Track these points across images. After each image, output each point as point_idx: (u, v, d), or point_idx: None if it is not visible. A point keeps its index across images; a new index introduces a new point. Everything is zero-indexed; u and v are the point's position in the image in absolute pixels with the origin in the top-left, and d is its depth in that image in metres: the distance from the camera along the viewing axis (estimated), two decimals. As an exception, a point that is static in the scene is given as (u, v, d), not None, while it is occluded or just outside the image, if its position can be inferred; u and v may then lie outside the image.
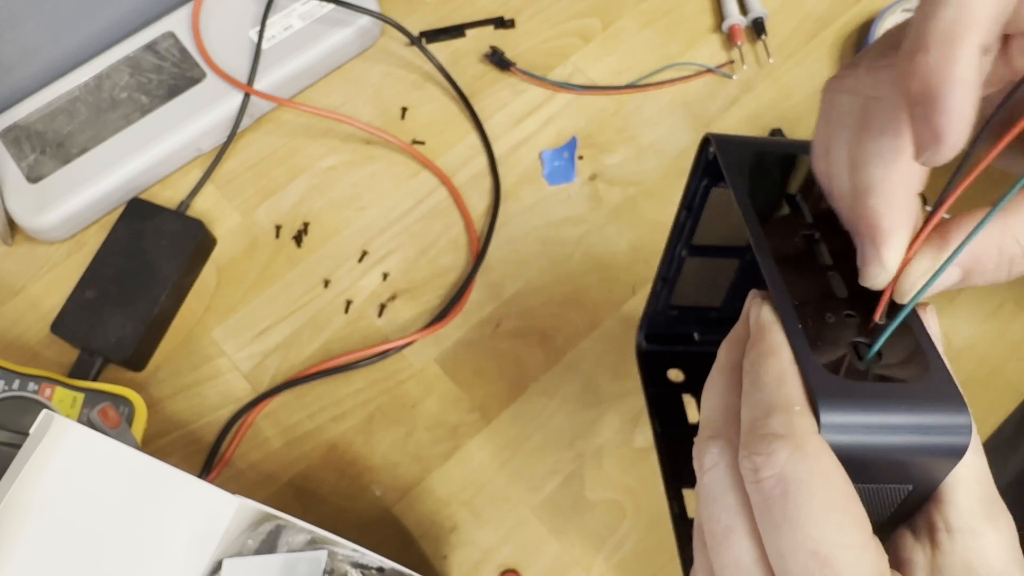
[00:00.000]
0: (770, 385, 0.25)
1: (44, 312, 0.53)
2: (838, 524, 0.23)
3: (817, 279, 0.28)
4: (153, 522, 0.40)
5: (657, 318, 0.45)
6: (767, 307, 0.27)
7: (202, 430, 0.51)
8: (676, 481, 0.42)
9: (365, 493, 0.49)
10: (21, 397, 0.47)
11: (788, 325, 0.26)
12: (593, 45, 0.61)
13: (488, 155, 0.57)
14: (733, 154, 0.33)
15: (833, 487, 0.23)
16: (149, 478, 0.40)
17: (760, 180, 0.32)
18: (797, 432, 0.23)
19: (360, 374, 0.52)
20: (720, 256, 0.41)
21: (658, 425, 0.44)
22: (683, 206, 0.39)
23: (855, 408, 0.24)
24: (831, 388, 0.24)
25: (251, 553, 0.41)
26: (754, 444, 0.24)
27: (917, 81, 0.22)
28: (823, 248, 0.29)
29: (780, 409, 0.24)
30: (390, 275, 0.54)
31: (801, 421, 0.23)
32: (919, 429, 0.24)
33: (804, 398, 0.24)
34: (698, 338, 0.46)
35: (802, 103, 0.59)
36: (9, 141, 0.55)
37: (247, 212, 0.56)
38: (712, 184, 0.37)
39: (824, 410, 0.24)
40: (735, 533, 0.24)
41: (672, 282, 0.43)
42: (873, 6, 0.61)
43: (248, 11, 0.59)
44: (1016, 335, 0.52)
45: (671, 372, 0.46)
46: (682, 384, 0.46)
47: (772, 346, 0.26)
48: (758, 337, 0.26)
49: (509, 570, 0.47)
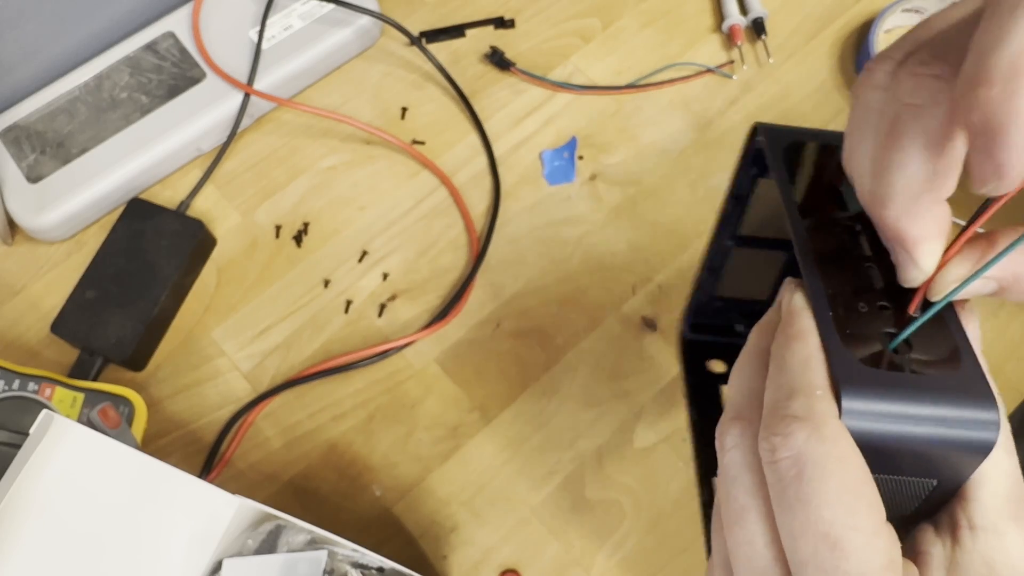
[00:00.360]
0: (794, 368, 0.25)
1: (44, 312, 0.53)
2: (850, 507, 0.23)
3: (855, 270, 0.28)
4: (153, 522, 0.40)
5: (702, 308, 0.44)
6: (799, 293, 0.27)
7: (202, 430, 0.51)
8: (707, 470, 0.42)
9: (365, 493, 0.49)
10: (21, 397, 0.47)
11: (818, 312, 0.26)
12: (593, 45, 0.61)
13: (488, 155, 0.57)
14: (780, 144, 0.32)
15: (848, 471, 0.23)
16: (149, 478, 0.40)
17: (806, 170, 0.31)
18: (816, 415, 0.23)
19: (360, 374, 0.52)
20: (767, 247, 0.41)
21: (695, 413, 0.44)
22: (730, 195, 0.38)
23: (878, 396, 0.24)
24: (855, 375, 0.24)
25: (251, 553, 0.41)
26: (773, 425, 0.24)
27: (979, 114, 0.22)
28: (863, 240, 0.29)
29: (802, 392, 0.24)
30: (390, 275, 0.54)
31: (821, 405, 0.24)
32: (944, 422, 0.24)
33: (827, 383, 0.24)
34: (742, 330, 0.45)
35: (802, 103, 0.59)
36: (9, 141, 0.55)
37: (247, 212, 0.56)
38: (760, 174, 0.37)
39: (846, 395, 0.24)
40: (749, 513, 0.25)
41: (718, 272, 0.42)
42: (873, 6, 0.61)
43: (248, 11, 0.59)
44: (1016, 335, 0.52)
45: (712, 363, 0.46)
46: (723, 376, 0.46)
47: (800, 330, 0.26)
48: (787, 322, 0.26)
49: (509, 570, 0.47)
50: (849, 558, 0.22)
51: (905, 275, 0.27)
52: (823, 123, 0.58)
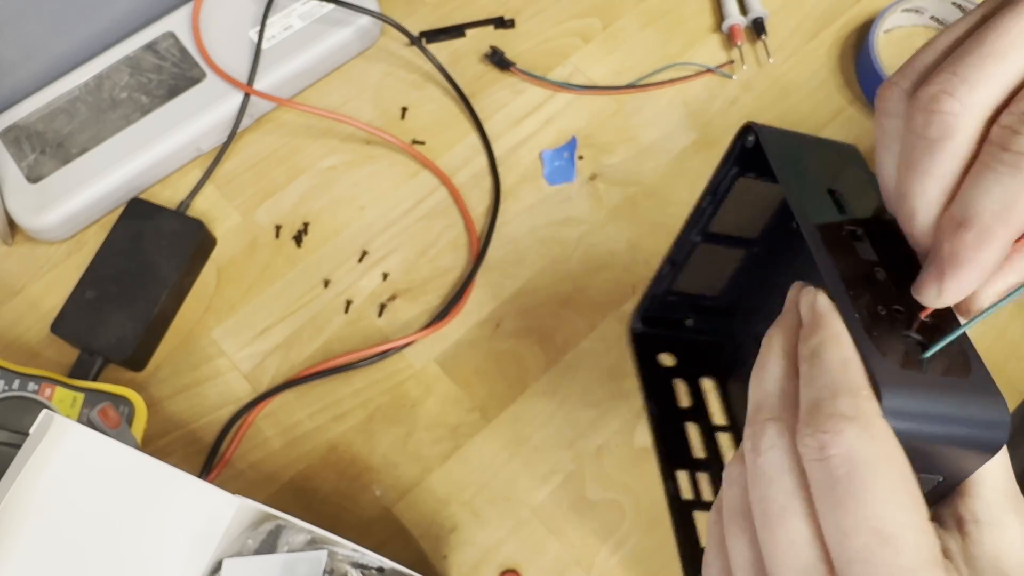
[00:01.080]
0: (836, 369, 0.25)
1: (44, 312, 0.53)
2: (901, 504, 0.23)
3: (866, 274, 0.29)
4: (153, 522, 0.40)
5: (656, 301, 0.45)
6: (823, 295, 0.28)
7: (202, 430, 0.51)
8: (670, 463, 0.42)
9: (365, 493, 0.49)
10: (21, 397, 0.47)
11: (846, 315, 0.27)
12: (593, 45, 0.61)
13: (488, 155, 0.57)
14: (776, 144, 0.33)
15: (898, 469, 0.24)
16: (149, 478, 0.40)
17: (801, 173, 0.32)
18: (865, 414, 0.24)
19: (360, 374, 0.52)
20: (730, 245, 0.42)
21: (654, 407, 0.44)
22: (708, 191, 0.39)
23: (915, 397, 0.25)
24: (894, 376, 0.25)
25: (251, 553, 0.41)
26: (820, 423, 0.24)
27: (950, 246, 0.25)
28: (868, 244, 0.30)
29: (848, 392, 0.24)
30: (390, 275, 0.54)
31: (868, 405, 0.24)
32: (967, 422, 0.25)
33: (868, 384, 0.25)
34: (691, 325, 0.46)
35: (802, 103, 0.59)
36: (9, 141, 0.55)
37: (247, 212, 0.56)
38: (741, 173, 0.37)
39: (887, 396, 0.25)
40: (791, 512, 0.25)
41: (680, 267, 0.43)
42: (873, 6, 0.61)
43: (248, 11, 0.59)
44: (1016, 335, 0.52)
45: (662, 356, 0.46)
46: (673, 369, 0.46)
47: (834, 333, 0.26)
48: (818, 324, 0.27)
49: (509, 570, 0.47)
50: (902, 553, 0.23)
51: (923, 294, 0.27)
52: (823, 123, 0.58)
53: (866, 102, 0.58)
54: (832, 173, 0.33)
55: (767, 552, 0.25)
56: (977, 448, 0.26)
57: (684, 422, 0.44)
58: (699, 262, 0.42)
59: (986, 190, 0.24)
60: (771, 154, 0.33)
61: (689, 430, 0.44)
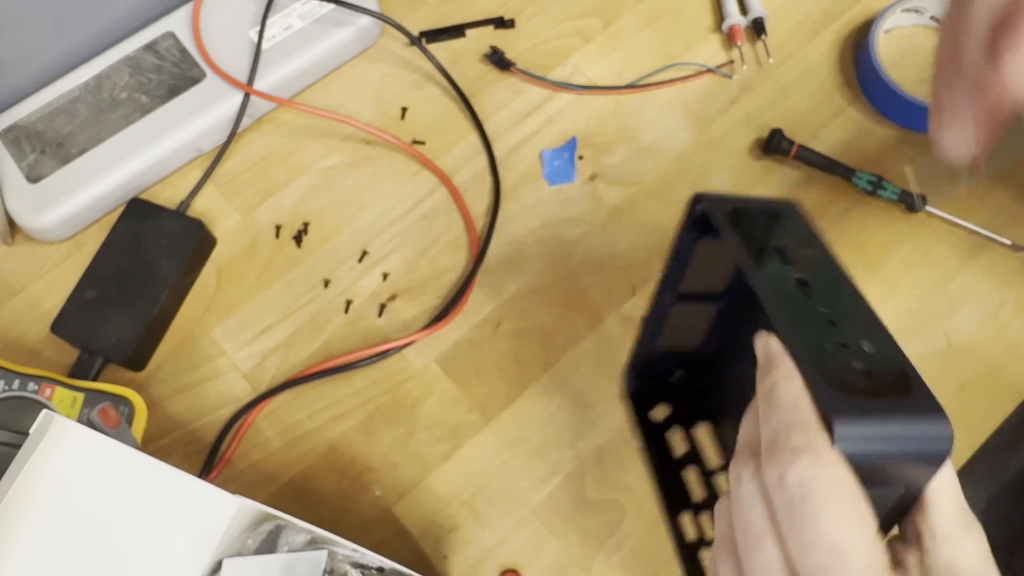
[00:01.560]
0: (788, 407, 0.28)
1: (44, 312, 0.53)
2: (850, 523, 0.26)
3: (810, 316, 0.32)
4: (153, 522, 0.40)
5: (643, 360, 0.47)
6: (773, 339, 0.31)
7: (202, 430, 0.51)
8: (673, 509, 0.44)
9: (365, 493, 0.49)
10: (21, 397, 0.47)
11: (796, 355, 0.30)
12: (593, 45, 0.61)
13: (488, 155, 0.57)
14: (723, 210, 0.37)
15: (847, 491, 0.27)
16: (149, 478, 0.40)
17: (748, 232, 0.36)
18: (814, 445, 0.27)
19: (360, 374, 0.52)
20: (703, 301, 0.44)
21: (652, 461, 0.46)
22: (672, 258, 0.41)
23: (861, 421, 0.28)
24: (841, 406, 0.28)
25: (251, 553, 0.41)
26: (778, 456, 0.27)
27: None
28: (813, 291, 0.33)
29: (798, 427, 0.28)
30: (390, 275, 0.54)
31: (817, 437, 0.27)
32: (912, 439, 0.28)
33: (816, 416, 0.28)
34: (680, 377, 0.48)
35: (802, 103, 0.59)
36: (9, 141, 0.55)
37: (247, 212, 0.56)
38: (699, 236, 0.40)
39: (837, 425, 0.27)
40: (766, 537, 0.28)
41: (660, 327, 0.45)
42: (873, 6, 0.61)
43: (248, 11, 0.59)
44: (1016, 335, 0.52)
45: (656, 410, 0.48)
46: (669, 419, 0.48)
47: (785, 373, 0.29)
48: (770, 365, 0.30)
49: (509, 570, 0.47)
50: (851, 565, 0.26)
51: None
52: (823, 123, 0.58)
53: (866, 102, 0.58)
54: (777, 230, 0.37)
55: (746, 571, 0.28)
56: (925, 461, 0.29)
57: (683, 468, 0.46)
58: (677, 320, 0.45)
59: None
60: (719, 222, 0.36)
61: (689, 475, 0.45)
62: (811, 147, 0.56)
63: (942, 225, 0.55)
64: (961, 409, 0.50)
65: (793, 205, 0.38)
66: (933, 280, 0.53)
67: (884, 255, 0.54)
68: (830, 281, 0.33)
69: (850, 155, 0.56)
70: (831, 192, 0.56)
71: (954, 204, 0.55)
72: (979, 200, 0.55)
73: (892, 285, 0.53)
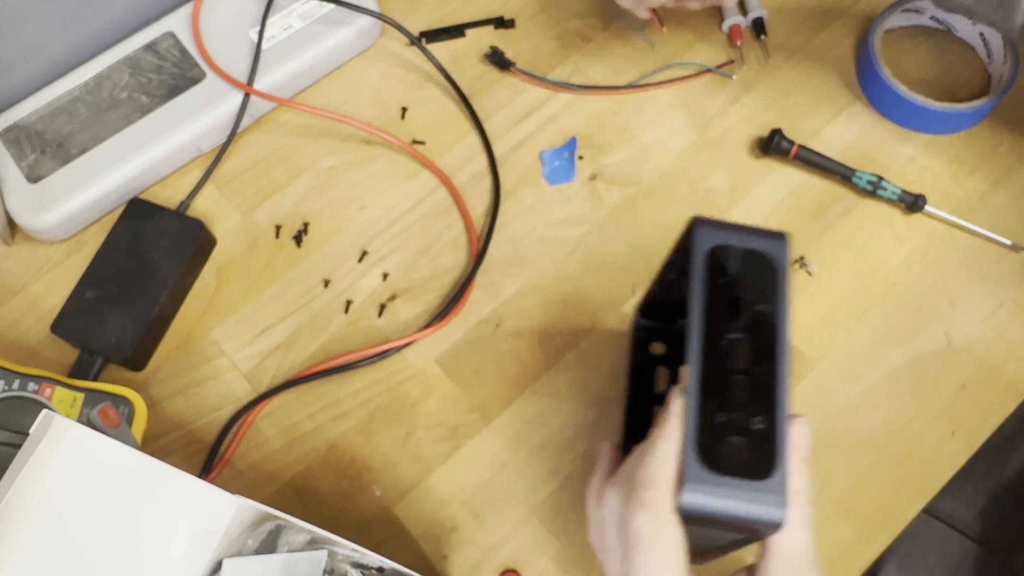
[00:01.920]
0: (655, 463, 0.34)
1: (44, 312, 0.53)
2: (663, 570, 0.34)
3: (724, 380, 0.36)
4: (153, 522, 0.40)
5: (655, 300, 0.49)
6: (680, 401, 0.35)
7: (202, 430, 0.51)
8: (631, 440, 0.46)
9: (365, 493, 0.49)
10: (21, 397, 0.47)
11: (690, 417, 0.35)
12: (593, 45, 0.61)
13: (488, 155, 0.57)
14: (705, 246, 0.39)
15: (670, 549, 0.34)
16: (149, 478, 0.40)
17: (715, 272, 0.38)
18: (657, 507, 0.34)
19: (360, 374, 0.52)
20: None
21: (630, 388, 0.49)
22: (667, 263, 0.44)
23: (709, 496, 0.34)
24: (695, 478, 0.34)
25: (251, 553, 0.41)
26: (630, 502, 0.34)
27: None
28: (744, 350, 0.37)
29: (653, 486, 0.34)
30: (390, 275, 0.54)
31: (663, 501, 0.34)
32: (747, 520, 0.34)
33: (674, 480, 0.34)
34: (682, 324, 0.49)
35: (802, 103, 0.59)
36: (9, 141, 0.55)
37: (247, 212, 0.56)
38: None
39: (685, 493, 0.34)
40: (612, 551, 0.36)
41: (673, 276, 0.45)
42: (873, 6, 0.61)
43: (248, 11, 0.59)
44: (1016, 335, 0.52)
45: (655, 344, 0.51)
46: (662, 357, 0.51)
47: (668, 434, 0.35)
48: (663, 421, 0.35)
49: (509, 570, 0.47)
50: None
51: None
52: (823, 123, 0.58)
53: (866, 102, 0.58)
54: (747, 276, 0.38)
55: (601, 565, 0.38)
56: (761, 529, 0.34)
57: (656, 405, 0.49)
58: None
59: None
60: (694, 264, 0.38)
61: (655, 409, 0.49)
62: (811, 147, 0.56)
63: (942, 225, 0.55)
64: (961, 409, 0.50)
65: (784, 239, 0.39)
66: (933, 280, 0.53)
67: (884, 255, 0.54)
68: (763, 348, 0.37)
69: (850, 155, 0.56)
70: (831, 192, 0.56)
71: (954, 204, 0.55)
72: (979, 200, 0.55)
73: (892, 285, 0.53)
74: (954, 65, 0.60)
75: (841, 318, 0.52)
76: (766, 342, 0.37)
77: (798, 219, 0.55)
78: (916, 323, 0.52)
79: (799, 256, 0.54)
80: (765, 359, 0.36)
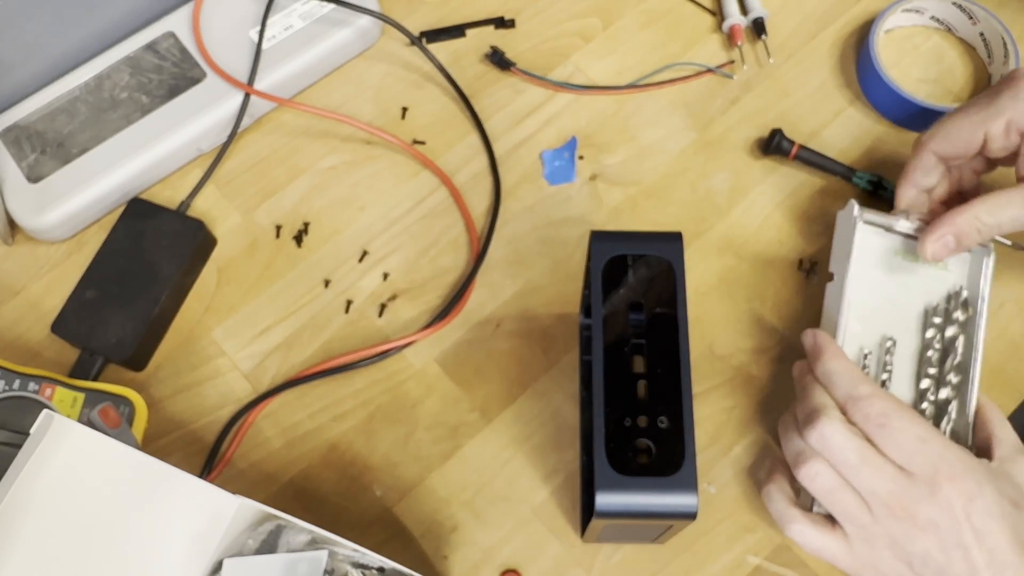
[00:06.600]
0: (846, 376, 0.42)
1: (44, 312, 0.53)
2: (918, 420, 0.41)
3: (626, 386, 0.39)
4: (154, 522, 0.40)
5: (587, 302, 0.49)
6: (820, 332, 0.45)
7: (202, 430, 0.51)
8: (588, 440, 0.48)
9: (365, 493, 0.49)
10: (21, 397, 0.47)
11: (597, 429, 0.38)
12: (593, 45, 0.61)
13: (488, 155, 0.57)
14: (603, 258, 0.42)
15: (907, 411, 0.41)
16: (150, 478, 0.40)
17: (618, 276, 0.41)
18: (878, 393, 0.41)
19: (360, 374, 0.52)
20: None
21: (584, 391, 0.50)
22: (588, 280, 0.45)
23: (622, 495, 0.37)
24: (605, 483, 0.37)
25: (251, 553, 0.41)
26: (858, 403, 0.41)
27: None
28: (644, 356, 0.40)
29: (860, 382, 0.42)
30: (390, 275, 0.54)
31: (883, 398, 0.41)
32: (662, 511, 0.38)
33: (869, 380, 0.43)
34: None
35: (802, 103, 0.59)
36: (9, 141, 0.55)
37: (247, 212, 0.56)
38: None
39: (599, 496, 0.37)
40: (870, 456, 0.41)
41: None
42: (873, 6, 0.61)
43: (248, 11, 0.59)
44: (1016, 335, 0.52)
45: None
46: None
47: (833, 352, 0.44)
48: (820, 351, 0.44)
49: (510, 570, 0.47)
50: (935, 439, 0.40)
51: None
52: (823, 123, 0.58)
53: (866, 102, 0.58)
54: (650, 279, 0.41)
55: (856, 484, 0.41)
56: (678, 519, 0.38)
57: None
58: None
59: None
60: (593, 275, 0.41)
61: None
62: (811, 147, 0.56)
63: (942, 225, 0.55)
64: (961, 409, 0.50)
65: (678, 240, 0.42)
66: (933, 280, 0.53)
67: (884, 255, 0.54)
68: (664, 349, 0.40)
69: (850, 155, 0.56)
70: (831, 192, 0.56)
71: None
72: (979, 200, 0.55)
73: (892, 285, 0.53)
74: (954, 65, 0.60)
75: (841, 318, 0.52)
76: (667, 343, 0.40)
77: (798, 219, 0.55)
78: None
79: (801, 259, 0.54)
80: (666, 359, 0.40)
